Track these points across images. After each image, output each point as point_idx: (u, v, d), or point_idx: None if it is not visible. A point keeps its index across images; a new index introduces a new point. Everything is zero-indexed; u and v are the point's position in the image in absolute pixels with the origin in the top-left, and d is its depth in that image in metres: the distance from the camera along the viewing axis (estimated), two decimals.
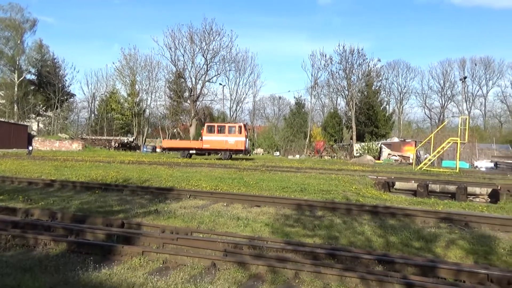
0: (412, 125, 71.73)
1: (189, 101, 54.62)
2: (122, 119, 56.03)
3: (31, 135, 46.85)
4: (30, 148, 34.87)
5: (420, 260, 5.21)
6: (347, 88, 50.54)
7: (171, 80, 56.05)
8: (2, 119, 46.39)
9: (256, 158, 32.44)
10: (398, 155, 38.85)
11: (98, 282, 4.27)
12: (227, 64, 55.50)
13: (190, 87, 54.40)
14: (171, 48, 52.58)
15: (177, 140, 31.90)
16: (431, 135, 28.84)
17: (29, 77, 59.68)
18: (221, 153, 30.61)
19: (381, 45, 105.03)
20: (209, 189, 11.88)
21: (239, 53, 57.30)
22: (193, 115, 52.37)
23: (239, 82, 59.11)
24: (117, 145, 46.24)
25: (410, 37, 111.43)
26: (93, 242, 5.68)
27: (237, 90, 59.04)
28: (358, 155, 41.31)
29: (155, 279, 4.37)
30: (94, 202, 9.60)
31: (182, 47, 52.84)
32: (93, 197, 10.25)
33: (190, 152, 30.74)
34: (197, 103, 54.46)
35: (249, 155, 34.90)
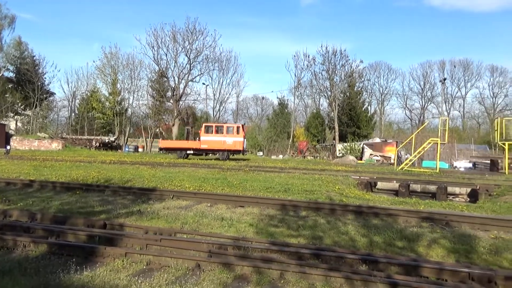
0: (393, 125, 72.87)
1: (171, 101, 54.06)
2: (103, 119, 55.11)
3: (9, 134, 45.68)
4: (8, 147, 33.99)
5: (403, 259, 5.27)
6: (329, 88, 50.83)
7: (153, 79, 55.32)
8: None
9: (238, 157, 32.34)
10: (379, 155, 39.33)
11: (80, 284, 4.19)
12: (210, 63, 55.05)
13: (173, 86, 53.86)
14: (153, 47, 51.95)
15: (174, 140, 31.18)
16: (412, 136, 29.27)
17: (7, 74, 58.10)
18: (218, 154, 30.45)
19: (362, 47, 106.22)
20: (193, 189, 11.79)
21: (222, 52, 56.60)
22: (175, 114, 51.92)
23: (222, 82, 58.80)
24: (98, 144, 45.47)
25: (391, 39, 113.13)
26: (74, 243, 5.56)
27: (220, 90, 58.76)
28: (340, 155, 41.63)
29: (139, 281, 4.31)
30: (75, 202, 9.42)
31: (165, 46, 52.27)
32: (73, 198, 10.06)
33: (187, 152, 30.36)
34: (180, 102, 53.96)
35: (245, 154, 34.75)
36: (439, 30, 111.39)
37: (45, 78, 59.37)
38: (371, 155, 39.53)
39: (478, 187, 14.58)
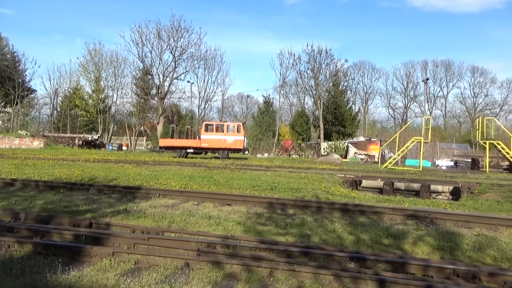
0: (376, 124, 73.76)
1: (156, 99, 53.62)
2: (86, 116, 54.27)
3: None
4: None
5: (390, 256, 5.35)
6: (314, 87, 51.13)
7: (138, 76, 54.72)
8: None
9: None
10: (364, 154, 39.75)
11: (67, 284, 4.13)
12: (195, 61, 54.76)
13: (157, 84, 53.45)
14: (138, 44, 51.49)
15: (175, 138, 30.74)
16: (396, 135, 29.68)
17: None
18: (218, 152, 30.22)
19: (346, 46, 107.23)
20: (179, 187, 11.72)
21: (208, 50, 56.29)
22: (160, 112, 51.54)
23: (207, 80, 58.48)
24: (81, 142, 44.76)
25: (375, 38, 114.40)
26: (60, 243, 5.48)
27: (205, 88, 58.45)
28: (325, 153, 41.91)
29: (128, 281, 4.26)
30: (59, 201, 9.27)
31: (149, 43, 51.84)
32: (57, 197, 9.90)
33: (187, 151, 29.98)
34: (165, 100, 53.60)
35: (245, 153, 34.44)
36: (422, 30, 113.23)
37: (26, 75, 58.12)
38: (355, 153, 39.91)
39: (460, 185, 14.86)
